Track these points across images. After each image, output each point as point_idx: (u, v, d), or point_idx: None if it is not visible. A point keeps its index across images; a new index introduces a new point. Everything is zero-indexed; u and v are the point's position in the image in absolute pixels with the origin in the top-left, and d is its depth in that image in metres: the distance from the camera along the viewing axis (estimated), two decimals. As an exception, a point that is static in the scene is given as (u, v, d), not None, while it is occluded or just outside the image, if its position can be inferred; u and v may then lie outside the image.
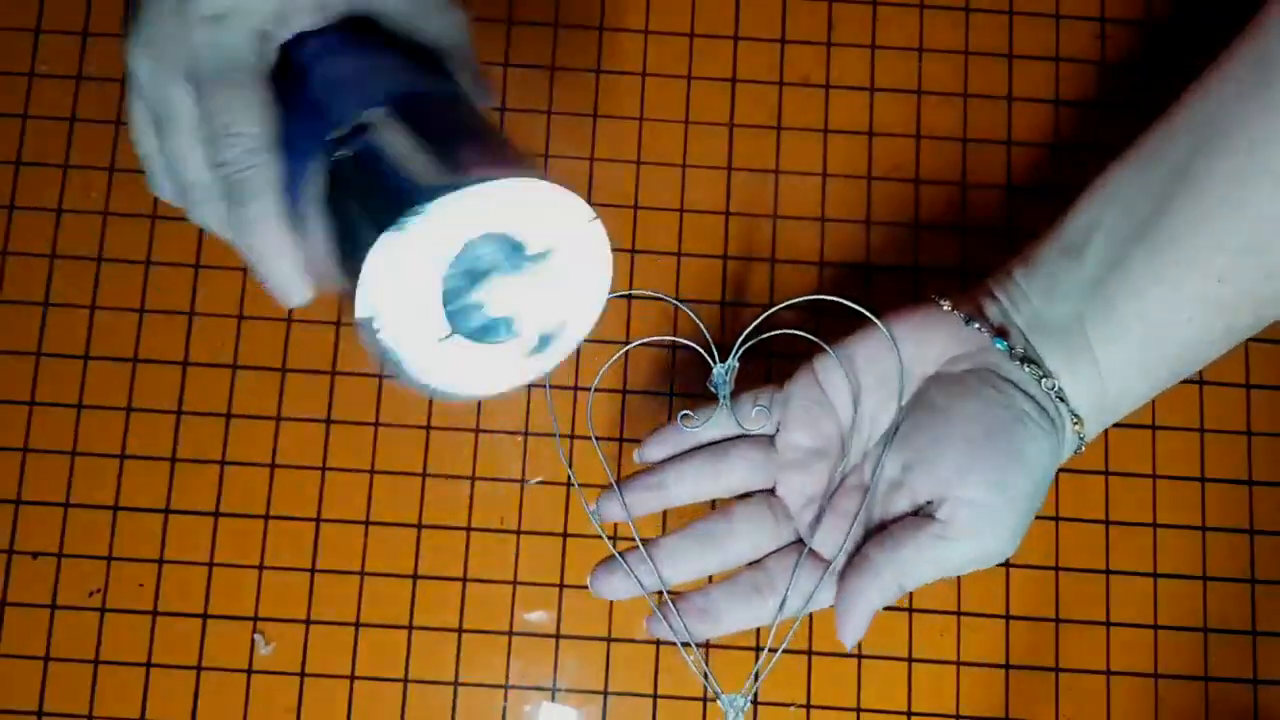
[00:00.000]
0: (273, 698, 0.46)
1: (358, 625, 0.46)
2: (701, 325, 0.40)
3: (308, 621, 0.46)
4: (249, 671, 0.46)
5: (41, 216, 0.49)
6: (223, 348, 0.48)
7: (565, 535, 0.47)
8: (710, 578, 0.42)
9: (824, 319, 0.40)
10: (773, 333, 0.40)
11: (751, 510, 0.39)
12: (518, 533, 0.47)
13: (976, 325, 0.37)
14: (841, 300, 0.39)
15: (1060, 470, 0.47)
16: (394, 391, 0.48)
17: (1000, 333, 0.37)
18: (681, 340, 0.41)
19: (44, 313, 0.48)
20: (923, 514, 0.36)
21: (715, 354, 0.39)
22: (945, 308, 0.38)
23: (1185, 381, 0.48)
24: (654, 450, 0.40)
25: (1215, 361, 0.38)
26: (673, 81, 0.51)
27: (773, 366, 0.43)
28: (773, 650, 0.38)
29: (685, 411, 0.39)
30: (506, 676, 0.46)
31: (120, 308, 0.49)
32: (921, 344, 0.38)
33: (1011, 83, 0.51)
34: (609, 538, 0.40)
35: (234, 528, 0.47)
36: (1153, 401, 0.38)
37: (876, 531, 0.37)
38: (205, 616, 0.46)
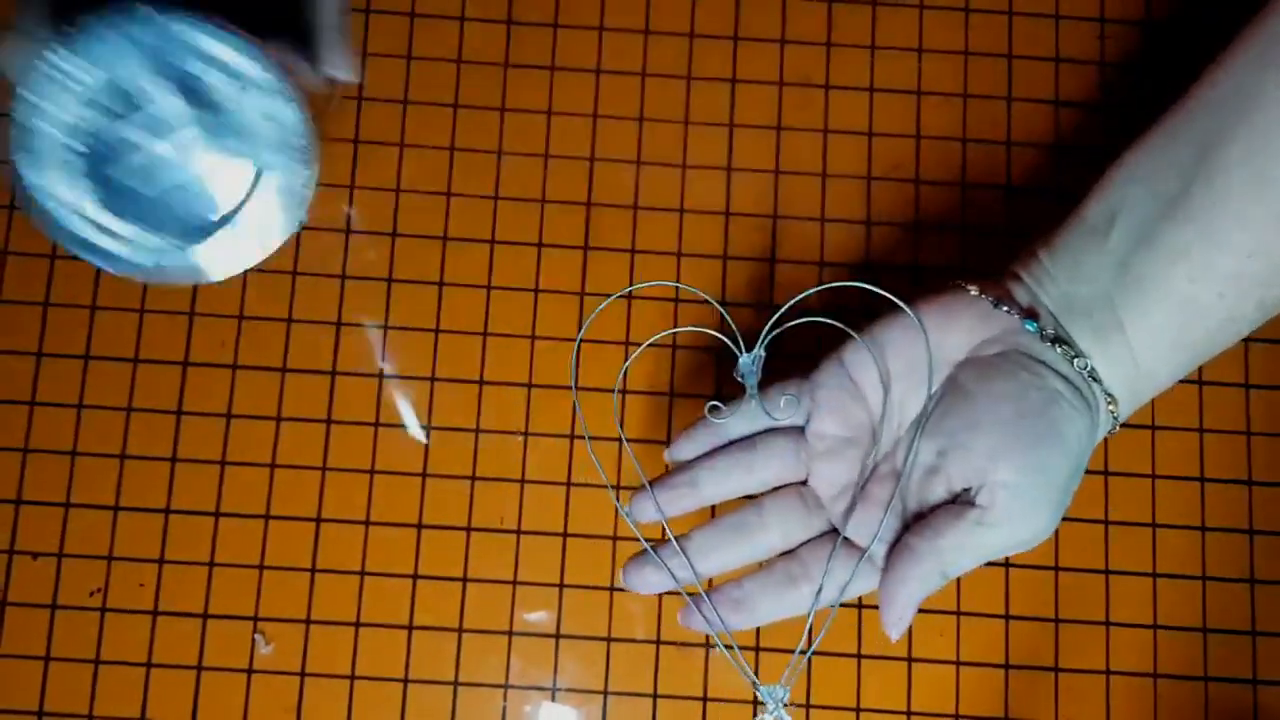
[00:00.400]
0: (273, 698, 0.46)
1: (358, 625, 0.46)
2: (727, 315, 0.39)
3: (308, 621, 0.46)
4: (249, 671, 0.46)
5: (42, 216, 0.49)
6: (223, 348, 0.48)
7: (565, 535, 0.47)
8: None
9: (843, 313, 0.40)
10: (799, 320, 0.39)
11: (782, 500, 0.39)
12: (518, 533, 0.47)
13: (1005, 308, 0.37)
14: (869, 287, 0.38)
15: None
16: (394, 392, 0.48)
17: (1030, 314, 0.37)
18: (707, 330, 0.40)
19: (44, 313, 0.49)
20: (961, 500, 0.36)
21: (741, 344, 0.39)
22: (973, 292, 0.38)
23: (1184, 381, 0.48)
24: (684, 448, 0.39)
25: (1215, 360, 0.38)
26: (673, 81, 0.51)
27: (792, 365, 0.43)
28: (808, 645, 0.37)
29: (713, 403, 0.38)
30: (506, 676, 0.46)
31: (120, 308, 0.49)
32: (950, 329, 0.37)
33: (1011, 83, 0.51)
34: (645, 540, 0.39)
35: (234, 528, 0.47)
36: (1152, 401, 0.38)
37: (914, 520, 0.37)
38: (205, 616, 0.46)
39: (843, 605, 0.40)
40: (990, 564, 0.47)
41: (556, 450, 0.48)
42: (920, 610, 0.47)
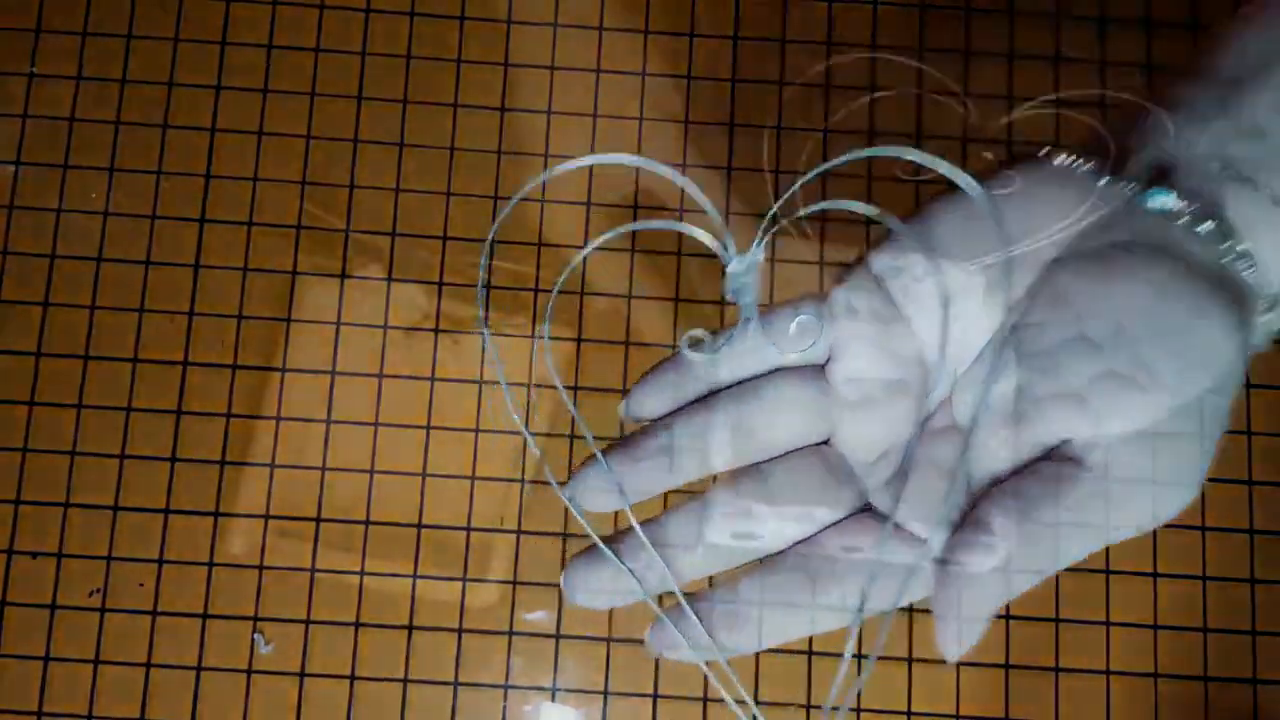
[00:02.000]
0: (273, 698, 0.46)
1: (358, 625, 0.46)
2: (709, 206, 0.27)
3: (308, 621, 0.46)
4: (249, 671, 0.46)
5: (41, 216, 0.49)
6: (223, 348, 0.48)
7: (565, 535, 0.47)
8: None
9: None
10: (816, 206, 0.27)
11: (795, 467, 0.26)
12: (518, 533, 0.47)
13: (1120, 182, 0.25)
14: (917, 154, 0.26)
15: (1060, 470, 0.48)
16: (394, 391, 0.48)
17: (1156, 182, 0.25)
18: (684, 227, 0.28)
19: (44, 313, 0.49)
20: (1058, 458, 0.24)
21: (730, 247, 0.26)
22: (1067, 162, 0.26)
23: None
24: (646, 401, 0.26)
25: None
26: (670, 81, 0.51)
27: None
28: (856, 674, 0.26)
29: (692, 331, 0.26)
30: (506, 676, 0.46)
31: (120, 308, 0.49)
32: (1035, 213, 0.25)
33: (1012, 83, 0.51)
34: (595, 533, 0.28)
35: (233, 527, 0.47)
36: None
37: (990, 491, 0.25)
38: (205, 616, 0.46)
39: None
40: (990, 564, 0.47)
41: (557, 450, 0.48)
42: (920, 610, 0.47)
